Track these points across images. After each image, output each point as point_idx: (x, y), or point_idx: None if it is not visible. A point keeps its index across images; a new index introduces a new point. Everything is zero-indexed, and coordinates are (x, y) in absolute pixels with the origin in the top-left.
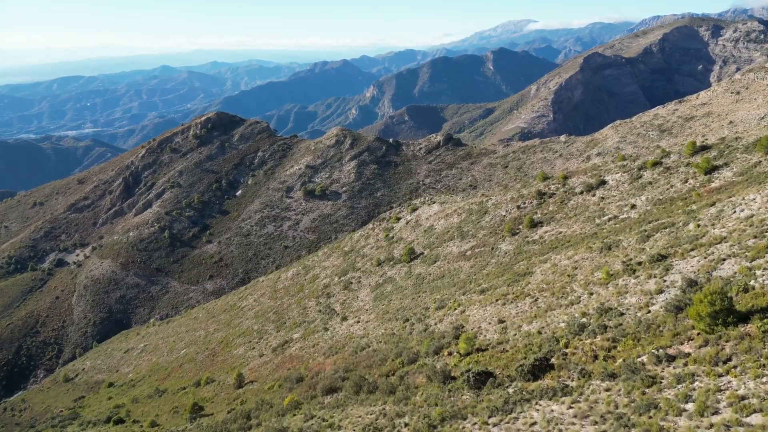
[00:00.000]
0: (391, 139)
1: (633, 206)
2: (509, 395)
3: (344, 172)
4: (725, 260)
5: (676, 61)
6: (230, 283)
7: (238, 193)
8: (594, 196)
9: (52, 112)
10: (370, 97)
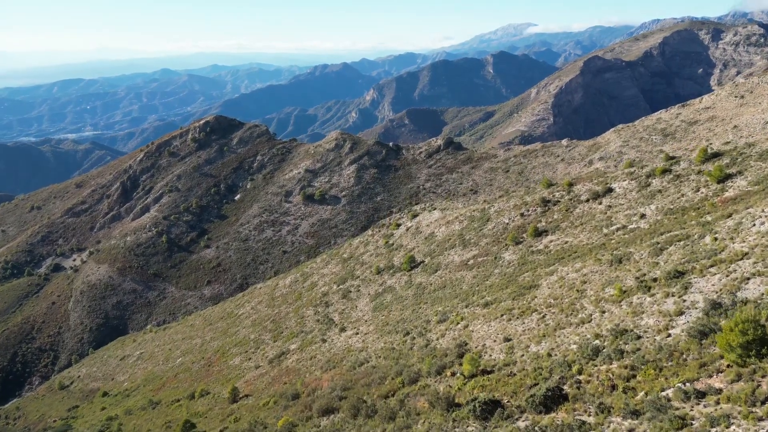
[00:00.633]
0: (391, 143)
1: (642, 216)
2: (520, 431)
3: (344, 177)
4: (749, 279)
5: (677, 64)
6: (228, 289)
7: (237, 197)
8: (601, 204)
9: (52, 115)
10: (370, 100)
